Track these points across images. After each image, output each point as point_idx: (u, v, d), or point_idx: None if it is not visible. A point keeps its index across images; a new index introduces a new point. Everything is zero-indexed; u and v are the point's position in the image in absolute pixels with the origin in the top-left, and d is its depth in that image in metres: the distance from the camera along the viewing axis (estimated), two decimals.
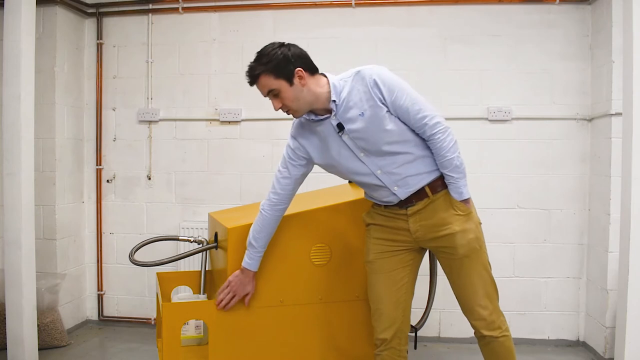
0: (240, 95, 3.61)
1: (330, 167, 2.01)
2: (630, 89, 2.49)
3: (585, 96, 3.34)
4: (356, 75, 1.87)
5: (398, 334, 2.00)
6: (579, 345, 3.38)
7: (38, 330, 2.97)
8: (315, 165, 2.05)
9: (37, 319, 2.97)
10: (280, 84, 1.83)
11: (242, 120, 3.61)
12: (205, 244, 2.40)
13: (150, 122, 3.68)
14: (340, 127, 1.87)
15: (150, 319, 3.70)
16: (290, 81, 1.83)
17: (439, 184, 1.92)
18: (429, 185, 1.91)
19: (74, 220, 3.64)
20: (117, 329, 3.69)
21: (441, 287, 2.34)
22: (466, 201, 1.92)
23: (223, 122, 3.62)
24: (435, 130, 1.85)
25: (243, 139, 3.61)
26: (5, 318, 2.82)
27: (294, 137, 2.01)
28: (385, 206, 1.99)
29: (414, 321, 2.17)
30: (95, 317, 3.79)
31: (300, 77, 1.84)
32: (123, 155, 3.73)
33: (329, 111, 1.88)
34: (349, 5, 3.49)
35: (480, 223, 1.99)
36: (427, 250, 2.13)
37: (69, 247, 3.58)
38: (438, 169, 1.92)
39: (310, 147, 1.98)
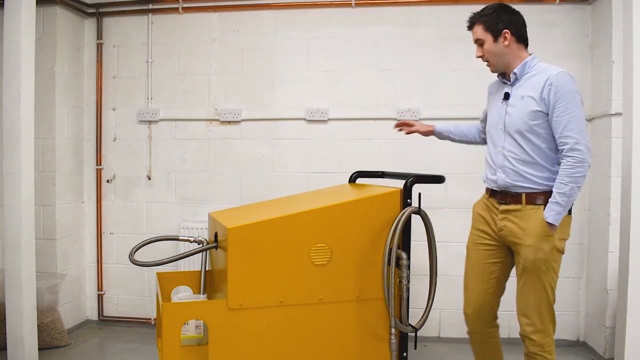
0: (240, 95, 3.62)
1: (487, 120, 2.29)
2: (630, 89, 2.49)
3: (585, 96, 3.33)
4: (547, 69, 2.08)
5: (484, 317, 2.24)
6: (579, 345, 3.38)
7: (38, 330, 2.97)
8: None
9: (37, 319, 2.97)
10: (486, 37, 2.13)
11: (242, 120, 3.61)
12: (205, 244, 2.39)
13: (150, 122, 3.69)
14: (507, 96, 2.13)
15: (150, 319, 3.70)
16: (495, 38, 2.12)
17: (537, 199, 2.05)
18: (527, 194, 2.06)
19: (74, 220, 3.64)
20: (117, 329, 3.69)
21: (441, 287, 2.34)
22: (552, 226, 2.01)
23: (223, 122, 3.62)
24: (572, 154, 1.98)
25: (243, 139, 3.62)
26: (5, 318, 2.82)
27: (488, 87, 2.35)
28: (490, 194, 2.21)
29: (414, 321, 2.17)
30: (95, 317, 3.79)
31: (505, 39, 2.11)
32: (123, 155, 3.73)
33: (510, 80, 2.15)
34: (349, 5, 3.49)
35: (562, 252, 2.08)
36: (428, 252, 2.22)
37: (69, 247, 3.58)
38: (545, 187, 2.05)
39: (489, 98, 2.32)
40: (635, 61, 2.47)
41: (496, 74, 2.24)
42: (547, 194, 2.03)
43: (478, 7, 3.35)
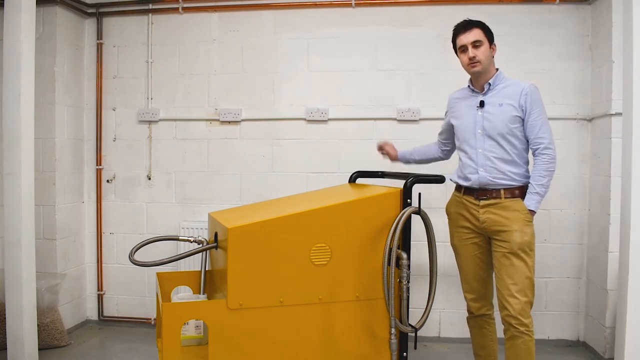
0: (240, 95, 3.62)
1: (456, 127, 2.52)
2: (630, 89, 2.49)
3: (585, 96, 3.34)
4: (517, 81, 2.40)
5: (485, 303, 2.50)
6: (579, 345, 3.38)
7: (38, 330, 2.97)
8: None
9: (37, 319, 2.97)
10: (484, 41, 2.37)
11: (242, 120, 3.61)
12: (205, 244, 2.39)
13: (150, 122, 3.69)
14: (482, 104, 2.38)
15: (150, 319, 3.70)
16: (490, 45, 2.40)
17: (514, 193, 2.33)
18: (505, 189, 2.33)
19: (74, 220, 3.64)
20: (117, 329, 3.69)
21: (441, 287, 2.35)
22: (532, 212, 2.31)
23: (223, 122, 3.62)
24: (546, 152, 2.31)
25: (243, 139, 3.62)
26: (5, 318, 2.82)
27: (450, 99, 2.63)
28: (464, 192, 2.43)
29: (414, 321, 2.17)
30: (95, 317, 3.79)
31: (493, 49, 2.42)
32: (123, 155, 3.73)
33: (482, 90, 2.41)
34: (349, 5, 3.49)
35: (534, 236, 2.32)
36: (428, 252, 2.24)
37: (69, 247, 3.58)
38: (520, 182, 2.33)
39: (455, 109, 2.55)
40: (635, 61, 2.46)
41: (465, 86, 2.52)
42: (521, 187, 2.34)
43: (478, 7, 3.42)
